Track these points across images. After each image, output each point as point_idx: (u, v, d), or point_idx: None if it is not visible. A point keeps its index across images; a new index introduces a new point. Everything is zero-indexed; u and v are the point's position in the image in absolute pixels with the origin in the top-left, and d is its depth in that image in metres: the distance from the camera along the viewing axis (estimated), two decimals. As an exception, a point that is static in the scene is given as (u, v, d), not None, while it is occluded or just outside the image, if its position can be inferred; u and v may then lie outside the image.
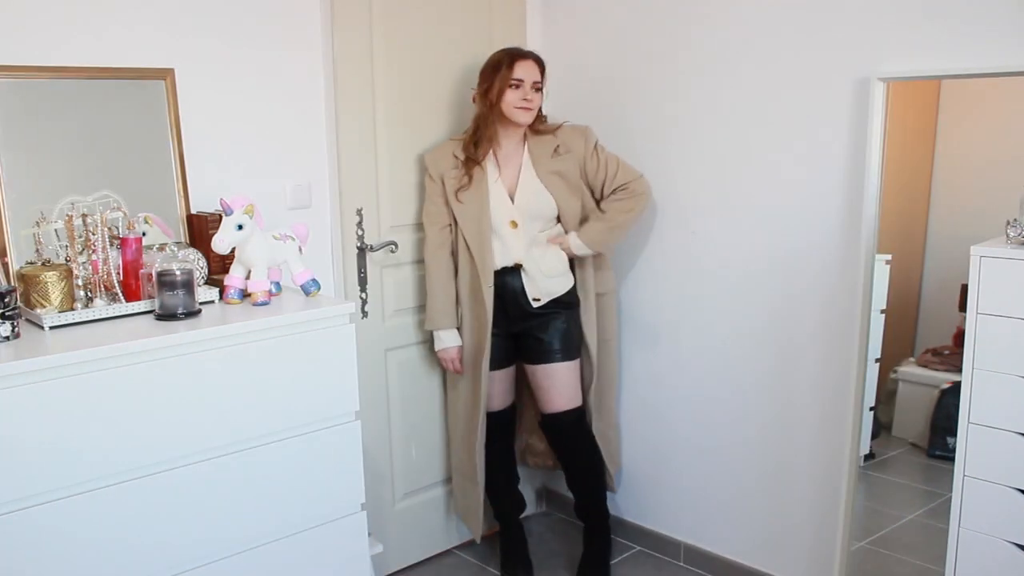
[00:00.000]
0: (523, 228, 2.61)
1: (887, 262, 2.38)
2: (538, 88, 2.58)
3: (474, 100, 2.66)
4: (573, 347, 2.71)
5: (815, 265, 2.46)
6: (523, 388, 2.89)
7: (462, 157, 2.62)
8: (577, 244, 2.63)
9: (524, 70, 2.56)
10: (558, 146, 2.64)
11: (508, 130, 2.62)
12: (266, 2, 2.42)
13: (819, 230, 2.44)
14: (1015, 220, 1.93)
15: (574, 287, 2.70)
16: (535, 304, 2.64)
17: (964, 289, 1.95)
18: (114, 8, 2.16)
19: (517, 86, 2.55)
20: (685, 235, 2.75)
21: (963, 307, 1.99)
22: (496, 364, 2.71)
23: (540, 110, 2.65)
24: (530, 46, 2.98)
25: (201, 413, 1.90)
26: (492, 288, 2.62)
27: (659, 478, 2.96)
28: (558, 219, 2.67)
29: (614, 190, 2.65)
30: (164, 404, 1.85)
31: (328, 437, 2.12)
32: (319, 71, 2.55)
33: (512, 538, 2.91)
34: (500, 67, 2.56)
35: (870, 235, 2.31)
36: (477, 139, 2.61)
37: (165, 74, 2.23)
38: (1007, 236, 1.93)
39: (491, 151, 2.62)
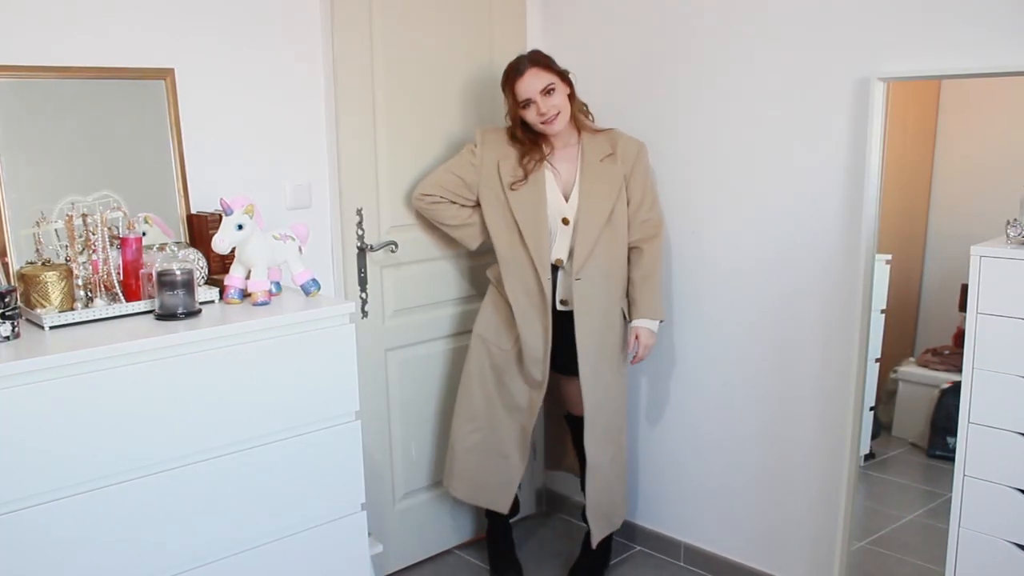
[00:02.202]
0: (574, 226, 2.54)
1: (887, 262, 2.38)
2: (550, 91, 2.48)
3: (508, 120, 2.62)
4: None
5: (815, 265, 2.46)
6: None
7: (516, 150, 2.57)
8: (650, 327, 2.58)
9: (525, 87, 2.48)
10: (612, 153, 2.57)
11: (552, 134, 2.57)
12: (266, 2, 2.42)
13: (819, 230, 2.44)
14: (1015, 220, 1.94)
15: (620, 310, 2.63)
16: (560, 307, 2.59)
17: (964, 289, 1.96)
18: (114, 8, 2.16)
19: (527, 106, 2.50)
20: (685, 235, 2.75)
21: (963, 307, 1.99)
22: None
23: (574, 99, 2.56)
24: (530, 47, 2.98)
25: (201, 413, 1.90)
26: (551, 280, 2.56)
27: (659, 478, 2.96)
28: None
29: (639, 222, 2.59)
30: (164, 404, 1.85)
31: (328, 437, 2.12)
32: (319, 71, 2.55)
33: (501, 540, 2.90)
34: (506, 92, 2.53)
35: (870, 235, 2.31)
36: (530, 139, 2.55)
37: (165, 74, 2.23)
38: (1007, 236, 1.93)
39: (546, 152, 2.58)
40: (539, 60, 2.52)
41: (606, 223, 2.55)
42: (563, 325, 2.60)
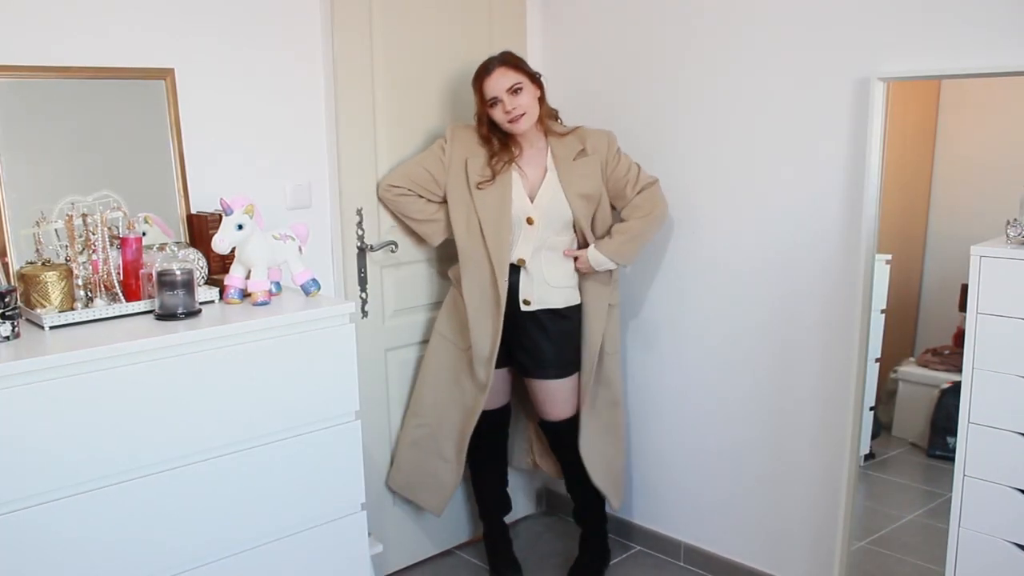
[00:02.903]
0: (538, 227, 2.56)
1: (887, 262, 2.38)
2: (517, 90, 2.49)
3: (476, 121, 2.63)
4: (568, 362, 2.66)
5: (815, 265, 2.46)
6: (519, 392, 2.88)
7: (486, 150, 2.58)
8: (597, 258, 2.57)
9: (492, 85, 2.49)
10: (583, 148, 2.58)
11: (520, 136, 2.58)
12: (266, 2, 2.42)
13: (819, 230, 2.44)
14: (1015, 220, 1.93)
15: (578, 305, 2.65)
16: (523, 307, 2.60)
17: (964, 289, 1.96)
18: (114, 8, 2.16)
19: (493, 105, 2.51)
20: (685, 235, 2.75)
21: (963, 307, 1.99)
22: (496, 364, 2.66)
23: (544, 103, 2.58)
24: (530, 47, 2.99)
25: (201, 413, 1.90)
26: (507, 282, 2.56)
27: (659, 478, 2.96)
28: (574, 227, 2.61)
29: (635, 194, 2.60)
30: (164, 404, 1.85)
31: (328, 437, 2.12)
32: (319, 71, 2.55)
33: (498, 539, 2.90)
34: (475, 91, 2.54)
35: (870, 235, 2.31)
36: (499, 140, 2.56)
37: (165, 74, 2.23)
38: (1007, 236, 1.93)
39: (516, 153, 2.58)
40: (508, 60, 2.53)
41: (597, 210, 2.60)
42: (526, 325, 2.61)
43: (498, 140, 2.57)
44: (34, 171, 2.04)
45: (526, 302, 2.60)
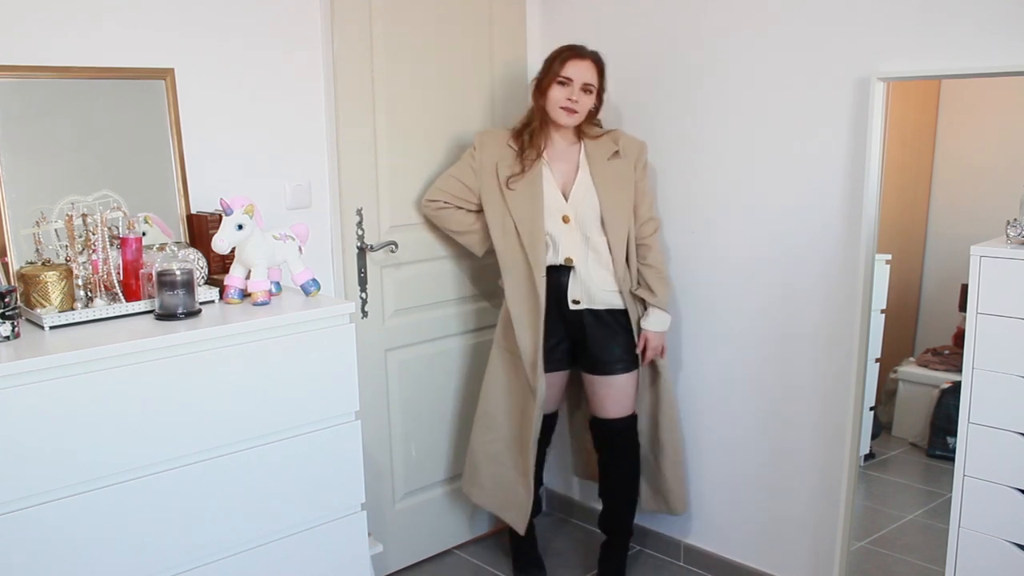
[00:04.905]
0: (575, 225, 2.55)
1: (887, 262, 2.38)
2: (589, 90, 2.52)
3: (531, 90, 2.62)
4: (633, 357, 2.65)
5: (815, 265, 2.46)
6: (573, 393, 2.87)
7: (515, 147, 2.59)
8: (660, 319, 2.61)
9: (576, 69, 2.50)
10: (617, 150, 2.59)
11: (559, 128, 2.58)
12: (266, 2, 2.42)
13: (819, 230, 2.44)
14: (1015, 220, 1.93)
15: (624, 309, 2.62)
16: (573, 306, 2.58)
17: (964, 289, 1.95)
18: (114, 8, 2.16)
19: (565, 84, 2.51)
20: (686, 235, 2.75)
21: (963, 307, 1.99)
22: (553, 366, 2.64)
23: (595, 115, 2.61)
24: (529, 47, 2.99)
25: (201, 413, 1.90)
26: (544, 280, 2.54)
27: (659, 478, 2.97)
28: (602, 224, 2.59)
29: (648, 218, 2.62)
30: (164, 404, 1.85)
31: (328, 437, 2.12)
32: (319, 71, 2.55)
33: (525, 539, 2.88)
34: (554, 62, 2.53)
35: (870, 235, 2.31)
36: (531, 131, 2.57)
37: (165, 74, 2.23)
38: (1007, 236, 1.93)
39: (544, 146, 2.59)
40: (599, 62, 2.57)
41: (631, 217, 2.58)
42: (585, 323, 2.60)
43: (529, 132, 2.58)
44: (34, 171, 2.04)
45: (576, 301, 2.59)
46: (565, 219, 2.56)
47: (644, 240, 2.63)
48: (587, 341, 2.63)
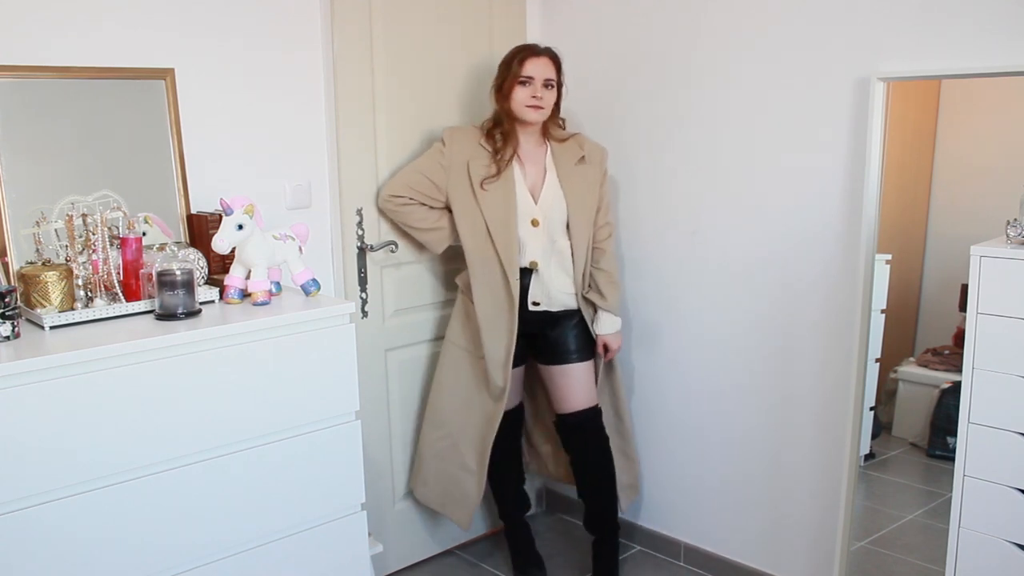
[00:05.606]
0: (543, 229, 2.58)
1: (887, 262, 2.38)
2: (550, 85, 2.55)
3: (492, 94, 2.63)
4: (587, 348, 2.69)
5: (815, 265, 2.46)
6: (530, 392, 2.88)
7: (489, 148, 2.59)
8: (612, 322, 2.68)
9: (535, 67, 2.53)
10: (583, 156, 2.62)
11: (525, 129, 2.59)
12: (266, 2, 2.42)
13: (819, 230, 2.44)
14: (1015, 220, 1.93)
15: (578, 308, 2.68)
16: (532, 307, 2.60)
17: (964, 289, 1.96)
18: (114, 8, 2.16)
19: (526, 83, 2.52)
20: (684, 235, 2.75)
21: (963, 307, 1.99)
22: (512, 362, 2.65)
23: (558, 110, 2.63)
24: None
25: (201, 413, 1.90)
26: (519, 282, 2.56)
27: (659, 478, 2.96)
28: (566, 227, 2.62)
29: (604, 223, 2.68)
30: (164, 404, 1.85)
31: (328, 437, 2.12)
32: (319, 71, 2.55)
33: (520, 537, 2.89)
34: (512, 63, 2.54)
35: (870, 235, 2.31)
36: (502, 133, 2.58)
37: (165, 74, 2.23)
38: (1007, 236, 1.93)
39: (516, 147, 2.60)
40: (555, 57, 2.60)
41: (592, 223, 2.64)
42: (540, 320, 2.64)
43: (501, 133, 2.59)
44: (34, 171, 2.04)
45: (536, 303, 2.62)
46: (535, 222, 2.57)
47: (599, 244, 2.68)
48: (543, 336, 2.67)
